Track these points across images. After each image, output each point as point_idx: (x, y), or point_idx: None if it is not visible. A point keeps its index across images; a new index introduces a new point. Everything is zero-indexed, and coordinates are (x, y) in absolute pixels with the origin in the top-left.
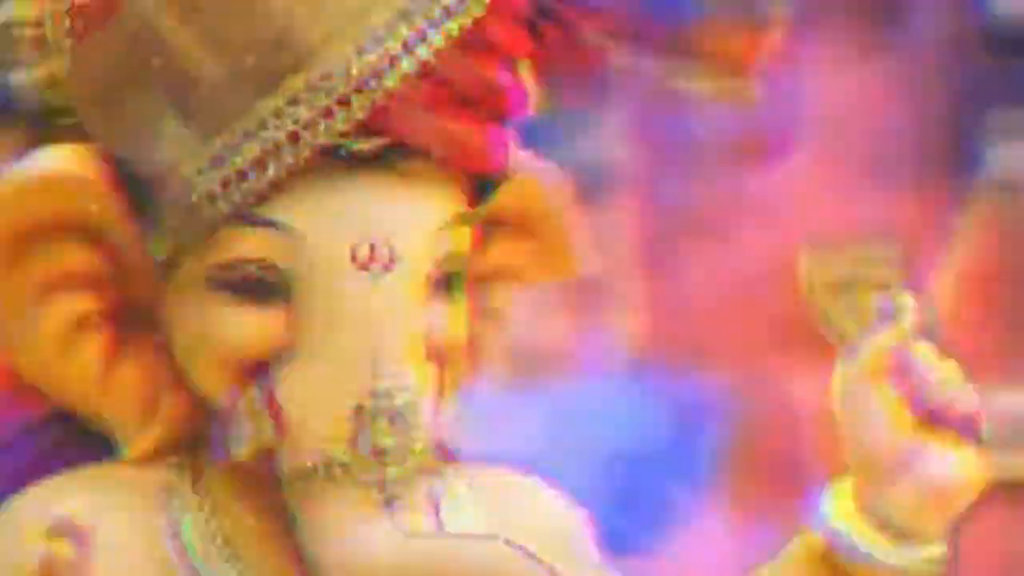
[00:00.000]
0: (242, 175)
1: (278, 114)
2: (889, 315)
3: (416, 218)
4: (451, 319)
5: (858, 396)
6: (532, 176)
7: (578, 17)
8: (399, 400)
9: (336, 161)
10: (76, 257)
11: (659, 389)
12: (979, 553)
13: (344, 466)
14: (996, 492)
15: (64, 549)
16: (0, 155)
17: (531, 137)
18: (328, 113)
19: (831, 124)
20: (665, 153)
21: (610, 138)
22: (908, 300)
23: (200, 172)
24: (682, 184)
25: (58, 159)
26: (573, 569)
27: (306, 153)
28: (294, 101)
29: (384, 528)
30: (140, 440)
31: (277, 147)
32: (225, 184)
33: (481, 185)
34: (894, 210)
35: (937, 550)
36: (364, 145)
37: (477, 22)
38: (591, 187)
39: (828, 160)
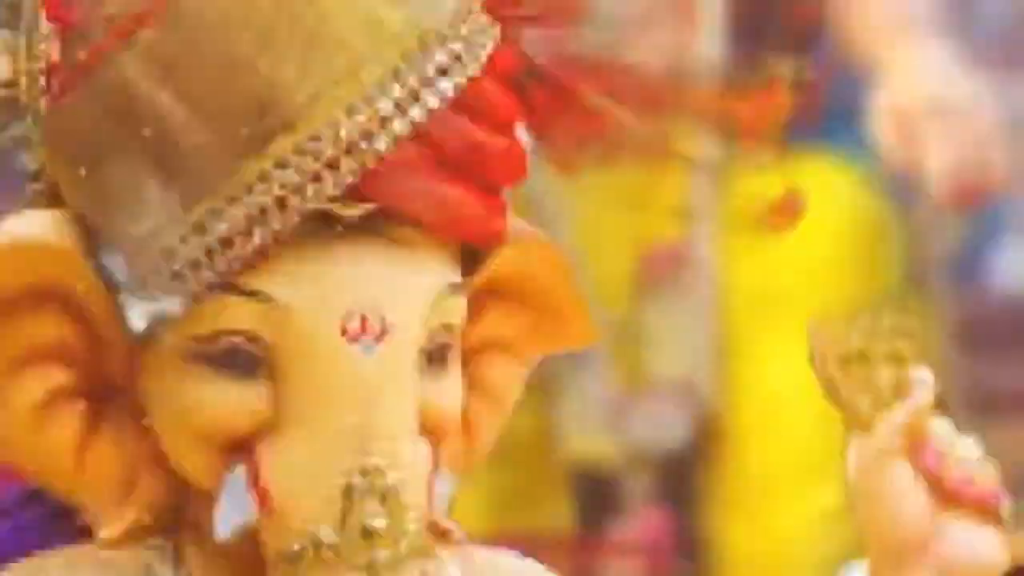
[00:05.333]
0: (227, 242)
1: (264, 178)
2: (904, 390)
3: (408, 288)
4: (445, 393)
5: (874, 475)
6: (528, 244)
7: (573, 79)
8: (391, 478)
9: (324, 228)
10: (49, 329)
11: None
12: None
13: (333, 548)
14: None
15: None
16: None
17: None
18: (316, 177)
19: None
20: None
21: None
22: (924, 373)
23: (183, 240)
24: None
25: (31, 225)
26: None
27: (293, 219)
28: (281, 164)
29: None
30: (117, 522)
31: (263, 212)
32: (209, 252)
33: (475, 253)
34: None
35: None
36: (354, 211)
37: (471, 82)
38: None
39: None
